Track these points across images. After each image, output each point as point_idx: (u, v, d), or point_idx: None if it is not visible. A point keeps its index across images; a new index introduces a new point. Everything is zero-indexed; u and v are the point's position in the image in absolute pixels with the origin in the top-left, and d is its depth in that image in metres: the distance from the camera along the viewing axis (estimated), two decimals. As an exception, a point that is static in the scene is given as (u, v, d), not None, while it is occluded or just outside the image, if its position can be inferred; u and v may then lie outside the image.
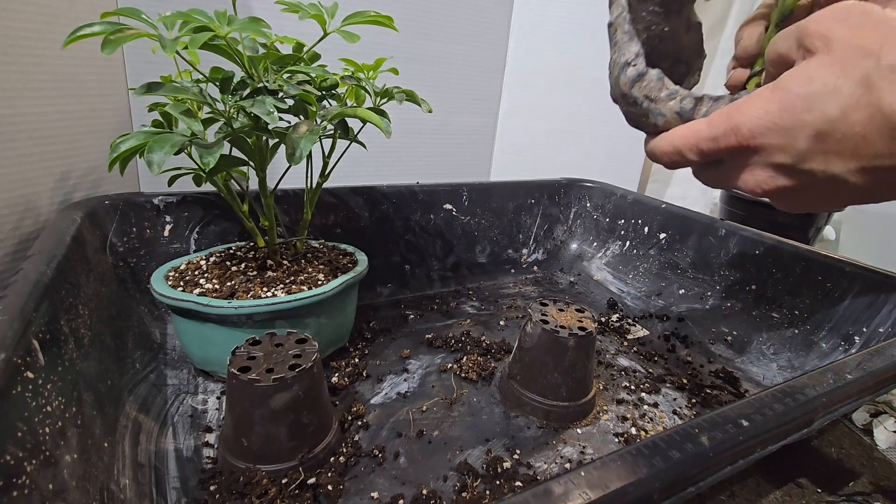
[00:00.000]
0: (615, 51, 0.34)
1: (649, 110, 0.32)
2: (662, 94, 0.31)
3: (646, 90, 0.32)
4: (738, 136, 0.27)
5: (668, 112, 0.31)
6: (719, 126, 0.28)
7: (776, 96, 0.26)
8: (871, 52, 0.23)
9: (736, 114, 0.28)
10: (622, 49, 0.33)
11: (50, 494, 0.23)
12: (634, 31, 0.33)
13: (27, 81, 0.45)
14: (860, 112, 0.24)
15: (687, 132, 0.30)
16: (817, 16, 0.26)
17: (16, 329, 0.26)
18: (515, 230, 0.77)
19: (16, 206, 0.45)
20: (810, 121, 0.25)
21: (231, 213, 0.55)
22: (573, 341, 0.40)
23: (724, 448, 0.25)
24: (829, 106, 0.24)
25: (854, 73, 0.24)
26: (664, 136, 0.32)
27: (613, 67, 0.34)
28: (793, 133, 0.26)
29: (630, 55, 0.33)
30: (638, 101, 0.32)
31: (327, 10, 0.40)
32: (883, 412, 0.48)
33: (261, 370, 0.33)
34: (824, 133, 0.25)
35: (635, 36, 0.33)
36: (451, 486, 0.35)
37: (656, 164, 1.05)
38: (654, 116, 0.32)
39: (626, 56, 0.33)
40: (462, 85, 0.87)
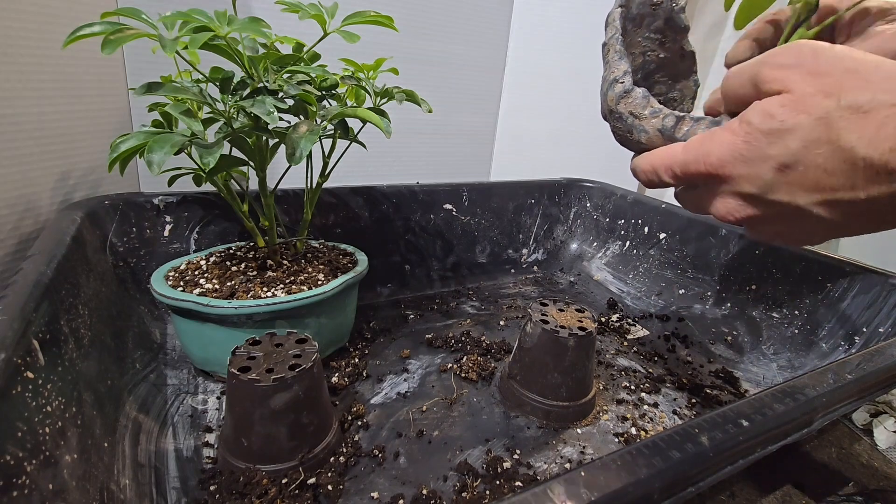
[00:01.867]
0: (606, 69, 0.35)
1: (633, 126, 0.33)
2: (646, 112, 0.32)
3: (631, 106, 0.33)
4: (706, 163, 0.29)
5: (650, 129, 0.32)
6: (692, 152, 0.30)
7: (742, 129, 0.27)
8: (831, 94, 0.25)
9: (708, 142, 0.29)
10: (612, 66, 0.34)
11: (50, 494, 0.23)
12: (626, 51, 0.34)
13: (27, 81, 0.45)
14: (821, 147, 0.25)
15: (665, 154, 0.32)
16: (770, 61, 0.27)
17: (16, 329, 0.26)
18: (515, 230, 0.77)
19: (16, 206, 0.45)
20: (774, 153, 0.26)
21: (231, 213, 0.55)
22: (573, 341, 0.40)
23: (724, 448, 0.25)
24: (792, 141, 0.26)
25: (814, 112, 0.25)
26: (645, 154, 0.33)
27: (603, 84, 0.35)
28: (757, 164, 0.27)
29: (618, 72, 0.34)
30: (623, 117, 0.33)
31: (327, 10, 0.40)
32: (883, 412, 0.48)
33: (261, 370, 0.33)
34: (787, 165, 0.26)
35: (625, 55, 0.34)
36: (451, 486, 0.35)
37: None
38: (638, 133, 0.33)
39: (614, 73, 0.34)
40: (462, 85, 0.87)
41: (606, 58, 0.35)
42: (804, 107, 0.25)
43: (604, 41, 0.36)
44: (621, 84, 0.33)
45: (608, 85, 0.34)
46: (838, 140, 0.24)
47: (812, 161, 0.25)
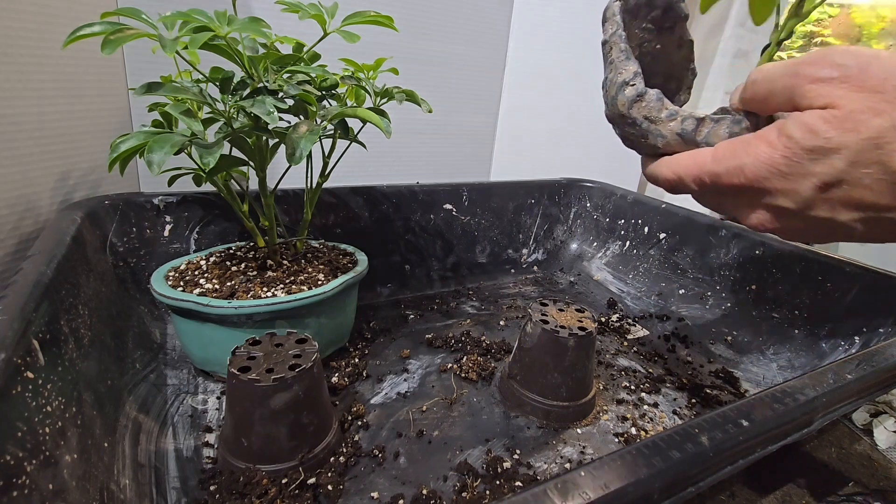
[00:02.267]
0: (611, 69, 0.33)
1: (649, 131, 0.31)
2: (662, 115, 0.30)
3: (645, 111, 0.31)
4: (742, 176, 0.28)
5: (668, 133, 0.30)
6: (724, 162, 0.28)
7: (781, 142, 0.26)
8: (882, 112, 0.23)
9: (742, 153, 0.27)
10: (619, 68, 0.32)
11: (50, 494, 0.23)
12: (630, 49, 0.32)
13: (27, 81, 0.45)
14: (869, 168, 0.24)
15: (691, 162, 0.30)
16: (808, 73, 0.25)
17: (16, 329, 0.26)
18: (515, 230, 0.77)
19: (16, 206, 0.45)
20: (817, 171, 0.25)
21: (231, 213, 0.55)
22: (573, 341, 0.40)
23: (724, 448, 0.25)
24: (837, 160, 0.24)
25: (864, 131, 0.24)
26: (666, 161, 0.32)
27: (610, 87, 0.33)
28: (797, 180, 0.26)
29: (628, 74, 0.32)
30: (637, 122, 0.32)
31: (327, 10, 0.40)
32: (883, 412, 0.48)
33: (261, 370, 0.33)
34: (830, 184, 0.25)
35: (632, 55, 0.32)
36: (451, 486, 0.35)
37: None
38: (654, 138, 0.31)
39: (623, 75, 0.32)
40: (462, 85, 0.87)
41: (609, 56, 0.33)
42: (852, 125, 0.24)
43: (604, 38, 0.34)
44: (632, 87, 0.31)
45: (617, 88, 0.32)
46: (890, 162, 0.23)
47: (858, 181, 0.24)
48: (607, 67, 0.33)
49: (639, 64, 0.32)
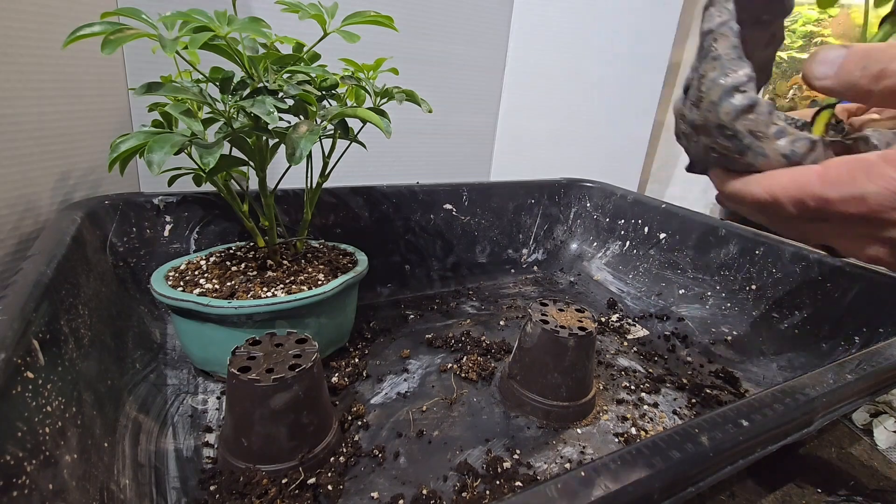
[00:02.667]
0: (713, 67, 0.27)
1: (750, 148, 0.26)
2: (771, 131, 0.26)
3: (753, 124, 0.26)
4: (862, 206, 0.24)
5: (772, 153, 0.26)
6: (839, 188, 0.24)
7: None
8: None
9: (862, 178, 0.24)
10: (727, 68, 0.26)
11: (50, 494, 0.23)
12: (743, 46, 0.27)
13: (27, 81, 0.45)
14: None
15: (791, 183, 0.26)
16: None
17: (16, 329, 0.26)
18: (515, 230, 0.77)
19: (16, 206, 0.45)
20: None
21: (231, 213, 0.55)
22: (573, 341, 0.40)
23: (724, 448, 0.25)
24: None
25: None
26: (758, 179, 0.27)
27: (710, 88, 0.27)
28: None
29: (739, 78, 0.26)
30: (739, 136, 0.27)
31: (327, 10, 0.40)
32: (883, 412, 0.48)
33: (261, 370, 0.33)
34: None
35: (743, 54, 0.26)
36: (451, 486, 0.35)
37: (656, 164, 1.05)
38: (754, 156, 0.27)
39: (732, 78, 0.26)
40: (462, 85, 0.87)
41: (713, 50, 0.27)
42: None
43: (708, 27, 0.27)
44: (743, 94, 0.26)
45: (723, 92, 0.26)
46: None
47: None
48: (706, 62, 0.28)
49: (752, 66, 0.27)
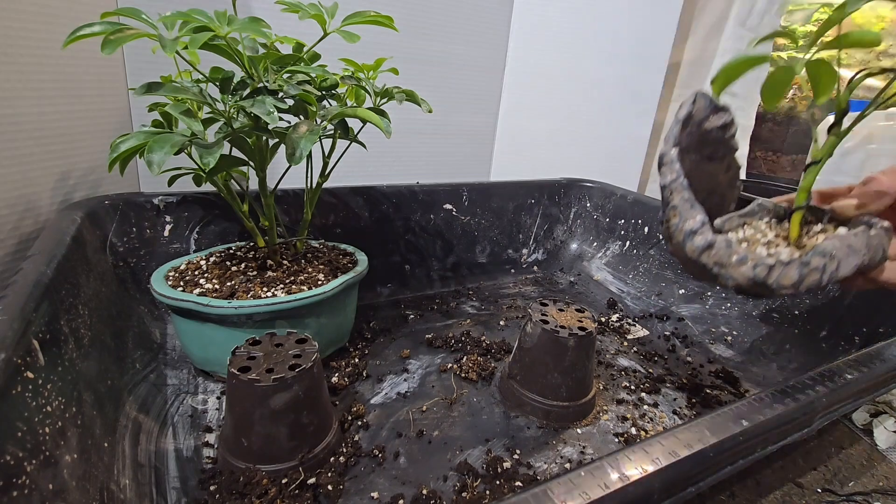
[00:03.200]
0: (674, 215, 0.33)
1: (720, 275, 0.32)
2: (733, 260, 0.31)
3: (715, 258, 0.32)
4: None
5: (739, 277, 0.31)
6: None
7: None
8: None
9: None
10: (684, 216, 0.33)
11: (50, 494, 0.23)
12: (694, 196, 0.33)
13: (27, 81, 0.45)
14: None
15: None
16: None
17: (16, 329, 0.26)
18: (515, 230, 0.77)
19: (16, 206, 0.45)
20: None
21: (231, 213, 0.55)
22: (573, 341, 0.40)
23: (724, 448, 0.25)
24: None
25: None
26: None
27: (676, 232, 0.33)
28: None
29: (695, 224, 0.32)
30: (707, 268, 0.32)
31: (327, 10, 0.40)
32: (883, 412, 0.48)
33: (261, 370, 0.33)
34: None
35: (697, 202, 0.33)
36: (451, 486, 0.35)
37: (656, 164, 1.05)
38: (725, 279, 0.32)
39: (690, 224, 0.32)
40: (462, 85, 0.87)
41: (671, 201, 0.34)
42: None
43: (663, 183, 0.34)
44: (701, 237, 0.32)
45: (684, 235, 0.33)
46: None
47: None
48: (668, 211, 0.34)
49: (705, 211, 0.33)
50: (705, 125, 0.36)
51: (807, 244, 0.34)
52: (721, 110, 0.36)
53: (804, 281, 0.30)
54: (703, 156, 0.38)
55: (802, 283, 0.31)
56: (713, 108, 0.36)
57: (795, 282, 0.30)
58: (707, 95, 0.36)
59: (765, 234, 0.36)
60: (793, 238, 0.35)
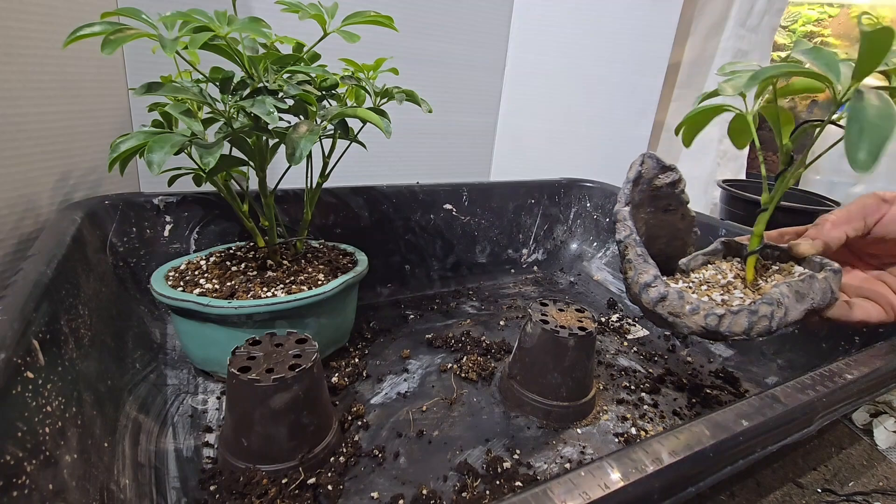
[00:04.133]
0: (630, 268, 0.36)
1: (675, 323, 0.34)
2: (686, 310, 0.33)
3: (669, 308, 0.34)
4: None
5: (693, 325, 0.34)
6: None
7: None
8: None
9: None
10: (638, 269, 0.36)
11: (50, 494, 0.23)
12: (647, 252, 0.36)
13: (27, 81, 0.45)
14: None
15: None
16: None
17: (16, 329, 0.26)
18: (515, 230, 0.77)
19: (16, 206, 0.45)
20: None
21: (231, 213, 0.55)
22: (573, 341, 0.40)
23: (724, 448, 0.25)
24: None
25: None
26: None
27: (633, 284, 0.36)
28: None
29: (649, 277, 0.35)
30: (663, 317, 0.35)
31: (327, 10, 0.40)
32: (883, 412, 0.48)
33: (261, 370, 0.33)
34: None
35: (648, 256, 0.36)
36: (451, 486, 0.35)
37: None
38: (681, 328, 0.34)
39: (644, 277, 0.35)
40: (462, 85, 0.87)
41: (627, 255, 0.37)
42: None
43: (618, 238, 0.37)
44: (655, 289, 0.34)
45: (640, 288, 0.35)
46: None
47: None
48: (625, 264, 0.37)
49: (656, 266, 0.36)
50: (655, 182, 0.39)
51: (762, 287, 0.36)
52: (669, 169, 0.39)
53: (754, 328, 0.32)
54: (659, 208, 0.41)
55: (752, 329, 0.32)
56: (661, 168, 0.39)
57: (746, 329, 0.32)
58: (654, 156, 0.39)
59: (725, 276, 0.38)
60: (749, 280, 0.37)
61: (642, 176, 0.39)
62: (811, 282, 0.33)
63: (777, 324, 0.32)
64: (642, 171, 0.39)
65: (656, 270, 0.35)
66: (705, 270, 0.40)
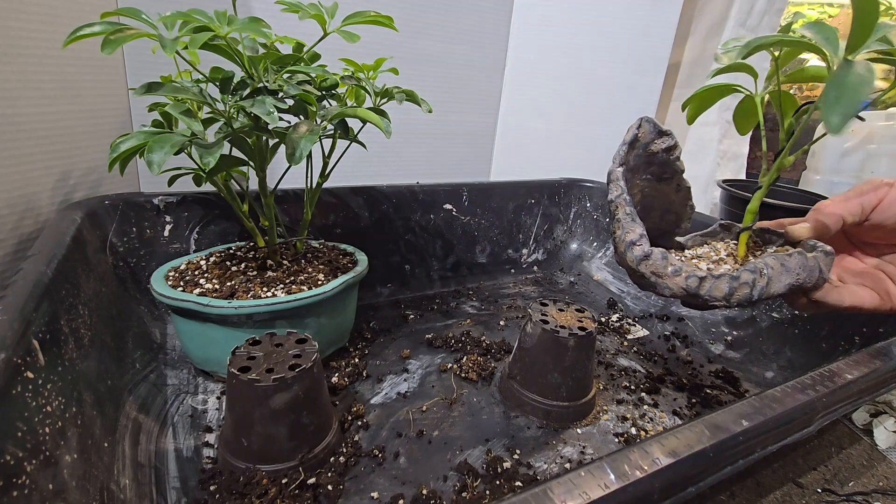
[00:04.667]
0: (618, 227, 0.36)
1: (657, 284, 0.34)
2: (668, 271, 0.33)
3: (652, 268, 0.34)
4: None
5: (674, 286, 0.34)
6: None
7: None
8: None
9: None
10: (626, 228, 0.36)
11: (50, 494, 0.23)
12: (636, 211, 0.36)
13: (27, 81, 0.45)
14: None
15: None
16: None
17: (16, 329, 0.26)
18: (515, 230, 0.77)
19: (16, 206, 0.45)
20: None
21: (231, 213, 0.55)
22: (573, 341, 0.40)
23: (724, 448, 0.25)
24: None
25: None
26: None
27: (619, 243, 0.36)
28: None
29: (634, 236, 0.35)
30: (646, 276, 0.35)
31: (327, 10, 0.40)
32: (883, 412, 0.48)
33: (261, 370, 0.33)
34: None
35: (637, 216, 0.36)
36: (451, 486, 0.35)
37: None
38: (662, 289, 0.35)
39: (630, 236, 0.35)
40: (462, 85, 0.87)
41: (616, 215, 0.37)
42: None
43: (610, 198, 0.37)
44: (640, 247, 0.34)
45: (626, 246, 0.35)
46: None
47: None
48: (614, 223, 0.37)
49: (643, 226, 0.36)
50: (651, 147, 0.39)
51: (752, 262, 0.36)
52: (665, 134, 0.39)
53: (734, 294, 0.32)
54: (654, 176, 0.41)
55: (733, 296, 0.33)
56: (658, 133, 0.39)
57: (726, 294, 0.32)
58: (652, 120, 0.39)
59: (718, 253, 0.38)
60: (740, 256, 0.37)
61: (639, 139, 0.38)
62: (799, 258, 0.33)
63: (758, 293, 0.32)
64: (639, 134, 0.38)
65: (643, 230, 0.35)
66: (700, 248, 0.40)
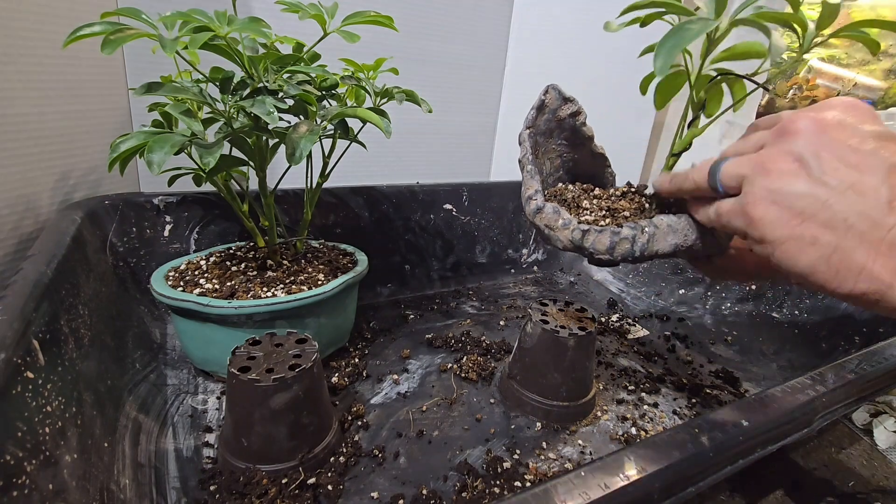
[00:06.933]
0: (523, 185, 0.39)
1: (550, 237, 0.36)
2: (559, 224, 0.35)
3: (545, 220, 0.36)
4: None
5: (564, 238, 0.36)
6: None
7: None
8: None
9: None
10: (526, 184, 0.38)
11: (50, 494, 0.23)
12: (536, 169, 0.39)
13: (28, 81, 0.45)
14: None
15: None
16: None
17: (16, 329, 0.26)
18: (515, 230, 0.77)
19: (16, 206, 0.45)
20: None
21: (231, 213, 0.55)
22: (573, 341, 0.40)
23: (724, 448, 0.25)
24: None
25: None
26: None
27: (522, 199, 0.39)
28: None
29: (531, 191, 0.37)
30: (541, 228, 0.37)
31: (327, 10, 0.40)
32: (883, 412, 0.48)
33: (261, 370, 0.33)
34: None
35: (536, 173, 0.38)
36: (451, 486, 0.35)
37: (656, 164, 1.05)
38: (555, 241, 0.36)
39: (528, 191, 0.37)
40: (462, 85, 0.87)
41: (522, 172, 0.39)
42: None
43: (519, 158, 0.40)
44: (534, 202, 0.37)
45: (524, 201, 0.38)
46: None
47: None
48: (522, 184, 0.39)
49: (541, 182, 0.38)
50: (559, 113, 0.41)
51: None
52: (569, 101, 0.41)
53: (616, 248, 0.34)
54: (568, 142, 0.43)
55: (615, 250, 0.34)
56: (563, 99, 0.41)
57: (608, 248, 0.34)
58: (557, 88, 0.41)
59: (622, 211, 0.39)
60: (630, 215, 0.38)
61: (546, 105, 0.41)
62: (687, 220, 0.34)
63: (640, 249, 0.33)
64: (545, 100, 0.41)
65: (539, 185, 0.37)
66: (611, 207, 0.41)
